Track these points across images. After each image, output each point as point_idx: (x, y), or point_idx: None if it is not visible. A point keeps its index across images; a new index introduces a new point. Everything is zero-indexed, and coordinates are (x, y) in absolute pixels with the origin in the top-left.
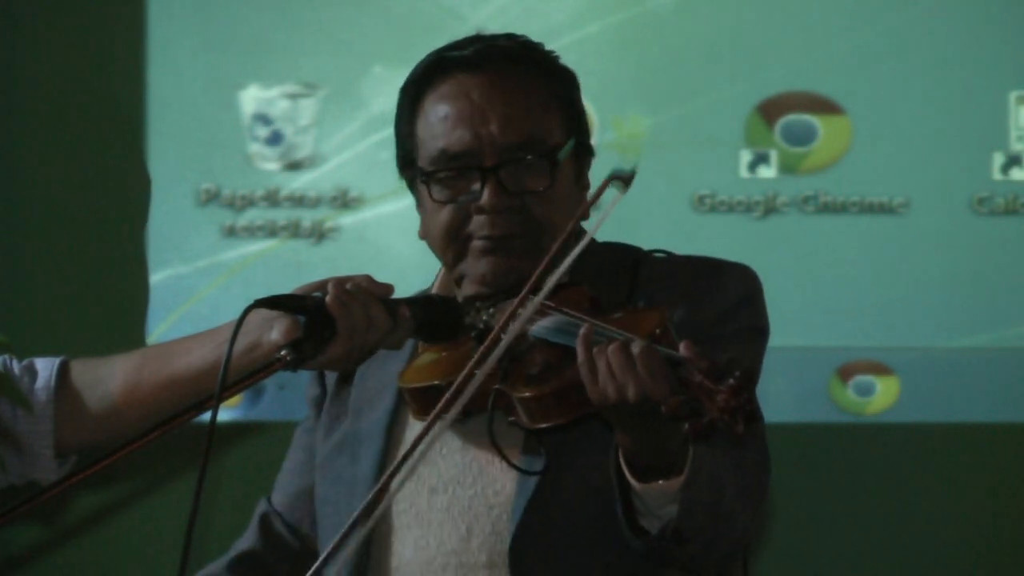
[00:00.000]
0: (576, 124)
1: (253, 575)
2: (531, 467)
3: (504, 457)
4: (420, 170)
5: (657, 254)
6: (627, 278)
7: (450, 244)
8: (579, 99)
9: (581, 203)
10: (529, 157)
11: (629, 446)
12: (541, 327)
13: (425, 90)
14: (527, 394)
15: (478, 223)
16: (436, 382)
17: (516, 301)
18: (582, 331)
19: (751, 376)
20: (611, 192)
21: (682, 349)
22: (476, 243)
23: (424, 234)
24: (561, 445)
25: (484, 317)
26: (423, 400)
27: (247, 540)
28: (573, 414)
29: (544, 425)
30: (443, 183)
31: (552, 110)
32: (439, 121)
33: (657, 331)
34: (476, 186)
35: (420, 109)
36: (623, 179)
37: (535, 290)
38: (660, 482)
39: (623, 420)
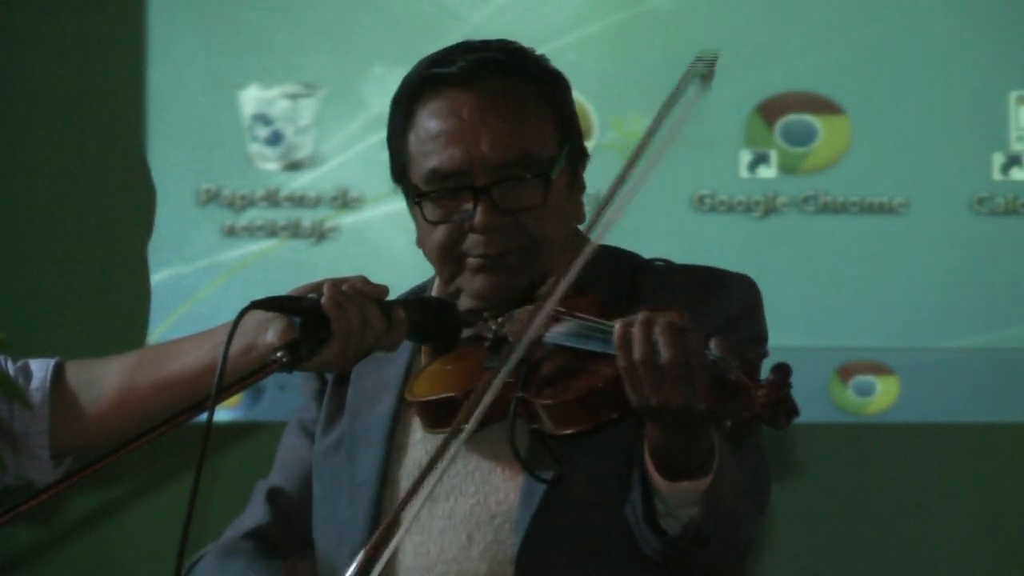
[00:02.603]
0: (569, 129)
1: (268, 549)
2: (541, 475)
3: (525, 466)
4: (413, 187)
5: (656, 263)
6: (626, 287)
7: (446, 261)
8: (571, 102)
9: (576, 207)
10: (522, 175)
11: (660, 445)
12: (556, 333)
13: (415, 106)
14: (551, 401)
15: (472, 241)
16: (452, 394)
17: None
18: (619, 332)
19: (788, 371)
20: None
21: (715, 347)
22: (471, 261)
23: (420, 244)
24: (569, 454)
25: (493, 327)
26: (437, 413)
27: (256, 516)
28: (599, 419)
29: (570, 431)
30: (435, 203)
31: (545, 121)
32: (430, 139)
33: None
34: (468, 205)
35: (411, 125)
36: (705, 70)
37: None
38: (686, 483)
39: (662, 421)
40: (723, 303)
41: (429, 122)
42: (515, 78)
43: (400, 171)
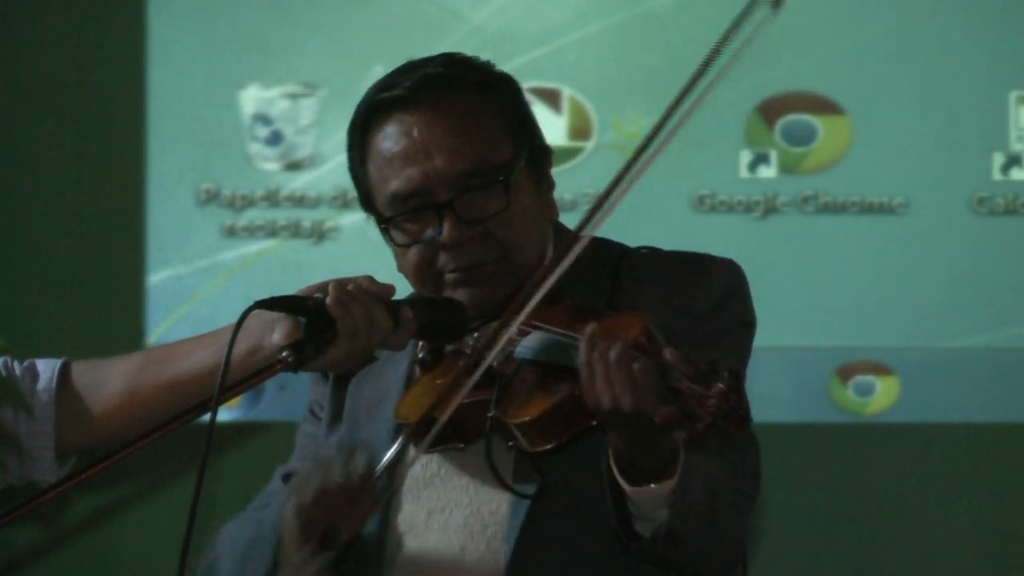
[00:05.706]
0: (525, 130)
1: None
2: (524, 490)
3: (504, 483)
4: (379, 215)
5: (640, 250)
6: (609, 274)
7: (425, 282)
8: (523, 103)
9: (547, 205)
10: (481, 182)
11: (621, 449)
12: (525, 347)
13: (368, 134)
14: (522, 419)
15: (445, 258)
16: (433, 415)
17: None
18: (588, 331)
19: (738, 377)
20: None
21: (667, 356)
22: (449, 277)
23: (400, 270)
24: (554, 466)
25: (471, 343)
26: (426, 433)
27: (275, 496)
28: (571, 432)
29: (545, 447)
30: (402, 227)
31: (497, 127)
32: (386, 164)
33: (641, 338)
34: (435, 223)
35: (367, 153)
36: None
37: (521, 308)
38: (651, 486)
39: (618, 426)
40: (706, 288)
41: (383, 147)
42: (460, 89)
43: (366, 200)
